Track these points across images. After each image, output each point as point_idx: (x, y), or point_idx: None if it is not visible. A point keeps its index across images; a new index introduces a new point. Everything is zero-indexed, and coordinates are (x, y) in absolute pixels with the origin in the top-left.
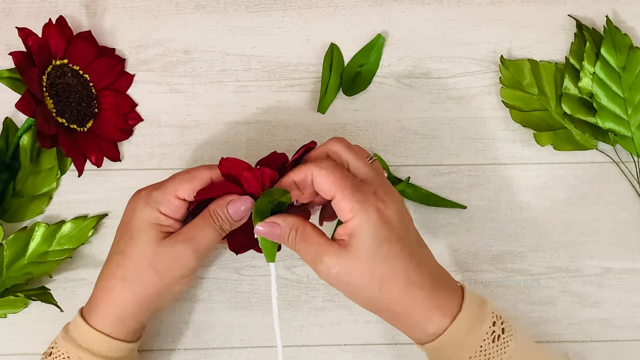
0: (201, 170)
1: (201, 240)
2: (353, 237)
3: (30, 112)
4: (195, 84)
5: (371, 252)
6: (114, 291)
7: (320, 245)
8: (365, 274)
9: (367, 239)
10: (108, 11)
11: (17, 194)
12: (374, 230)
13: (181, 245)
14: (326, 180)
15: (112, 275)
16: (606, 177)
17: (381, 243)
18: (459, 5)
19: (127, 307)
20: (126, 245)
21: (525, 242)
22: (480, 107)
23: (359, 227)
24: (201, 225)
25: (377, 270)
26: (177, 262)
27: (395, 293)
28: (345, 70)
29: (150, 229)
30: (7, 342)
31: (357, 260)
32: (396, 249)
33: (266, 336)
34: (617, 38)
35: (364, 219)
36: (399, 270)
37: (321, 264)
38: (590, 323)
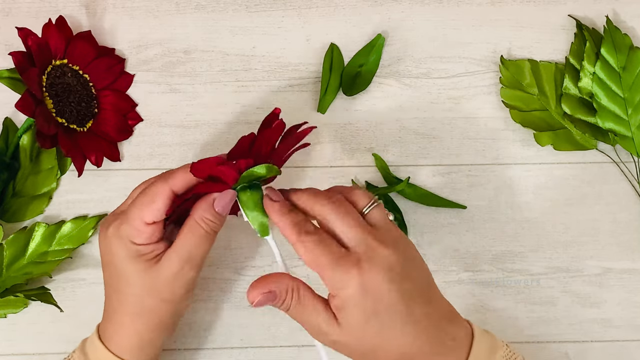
0: (158, 186)
1: (196, 253)
2: (340, 312)
3: (30, 112)
4: (195, 84)
5: (359, 327)
6: (125, 326)
7: (315, 313)
8: (357, 349)
9: (354, 314)
10: (108, 11)
11: (17, 194)
12: (358, 306)
13: (177, 265)
14: (305, 257)
15: (120, 312)
16: (606, 177)
17: (368, 318)
18: (459, 5)
19: (144, 337)
20: (120, 284)
21: (525, 242)
22: (480, 107)
23: (344, 304)
24: (191, 237)
25: (367, 346)
26: (179, 282)
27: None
28: (345, 70)
29: (136, 263)
30: (7, 342)
31: (347, 335)
32: (385, 321)
33: (266, 336)
34: (617, 38)
35: (346, 295)
36: (390, 342)
37: (319, 334)
38: (590, 323)
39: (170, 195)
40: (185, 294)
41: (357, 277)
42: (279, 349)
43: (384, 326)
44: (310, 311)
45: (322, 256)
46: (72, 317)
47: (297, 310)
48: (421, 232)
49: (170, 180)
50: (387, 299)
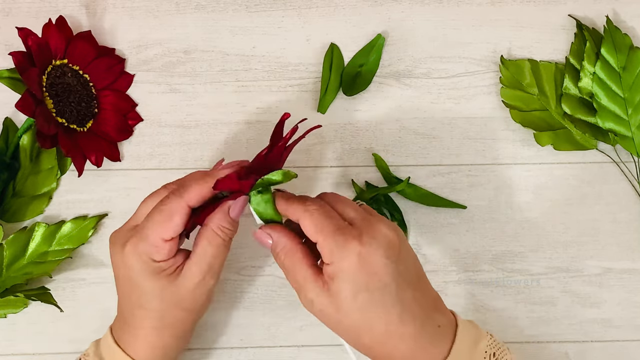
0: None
1: (215, 262)
2: (332, 281)
3: (30, 112)
4: (195, 84)
5: (348, 300)
6: (150, 338)
7: (305, 277)
8: (342, 322)
9: (345, 285)
10: (108, 11)
11: (17, 194)
12: (352, 277)
13: (198, 276)
14: (310, 223)
15: (146, 325)
16: (606, 177)
17: (358, 291)
18: (459, 5)
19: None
20: (141, 300)
21: (525, 242)
22: (480, 107)
23: (336, 272)
24: (209, 247)
25: (353, 320)
26: (200, 292)
27: (374, 342)
28: (345, 70)
29: (158, 280)
30: (7, 342)
31: (335, 306)
32: (375, 298)
33: (266, 336)
34: (617, 38)
35: (342, 265)
36: (376, 321)
37: (304, 296)
38: (590, 323)
39: (187, 211)
40: (205, 301)
41: (357, 247)
42: (279, 349)
43: (372, 303)
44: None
45: (326, 224)
46: (72, 317)
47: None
48: (421, 232)
49: (185, 195)
50: (381, 275)
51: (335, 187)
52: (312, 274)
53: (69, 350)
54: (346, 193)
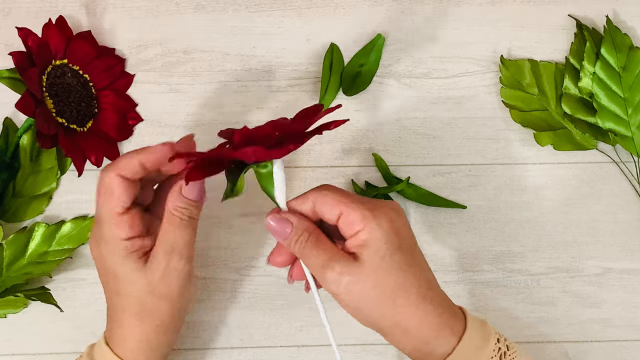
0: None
1: (179, 243)
2: (365, 247)
3: (30, 112)
4: (195, 84)
5: (384, 262)
6: (130, 329)
7: (332, 253)
8: (377, 286)
9: (380, 248)
10: (108, 11)
11: (17, 194)
12: (387, 239)
13: (164, 260)
14: (330, 199)
15: (122, 314)
16: (606, 177)
17: (394, 252)
18: (459, 5)
19: (149, 338)
20: (117, 286)
21: (525, 242)
22: (480, 107)
23: (371, 235)
24: (170, 228)
25: (390, 281)
26: (171, 278)
27: (408, 307)
28: (345, 70)
29: (128, 262)
30: (7, 342)
31: (369, 271)
32: (408, 259)
33: (266, 336)
34: (617, 38)
35: (376, 227)
36: (412, 282)
37: (332, 271)
38: (590, 323)
39: (121, 181)
40: (181, 288)
41: (388, 211)
42: (279, 349)
43: (407, 263)
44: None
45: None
46: (72, 317)
47: (312, 251)
48: (421, 232)
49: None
50: (409, 239)
51: None
52: (338, 250)
53: (68, 350)
54: None
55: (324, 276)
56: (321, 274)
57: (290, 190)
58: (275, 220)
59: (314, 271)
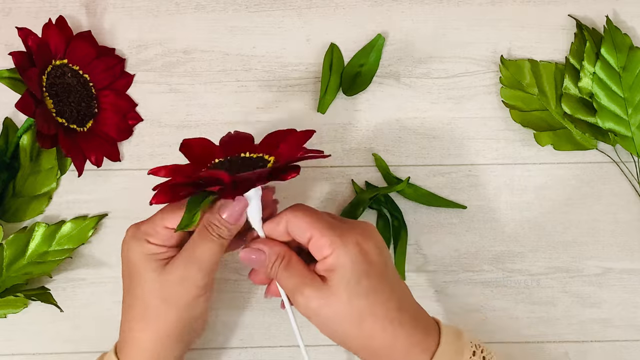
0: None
1: (202, 257)
2: (332, 272)
3: (30, 112)
4: (195, 84)
5: (350, 287)
6: (136, 332)
7: (302, 277)
8: (344, 310)
9: (347, 273)
10: (108, 11)
11: (17, 194)
12: (353, 264)
13: (183, 267)
14: (302, 221)
15: (131, 317)
16: (606, 177)
17: (360, 277)
18: (459, 5)
19: (156, 344)
20: (131, 285)
21: (525, 242)
22: (480, 107)
23: (338, 260)
24: (199, 240)
25: (356, 306)
26: (185, 286)
27: (375, 330)
28: (345, 70)
29: (147, 262)
30: (7, 342)
31: (336, 295)
32: (375, 283)
33: (266, 336)
34: (617, 38)
35: (342, 253)
36: (379, 306)
37: (301, 296)
38: (590, 323)
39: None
40: (192, 300)
41: (355, 236)
42: (279, 349)
43: (374, 288)
44: (298, 277)
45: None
46: (71, 317)
47: (284, 275)
48: (421, 232)
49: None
50: (377, 264)
51: (335, 187)
52: (309, 273)
53: (69, 350)
54: (346, 193)
55: (294, 299)
56: (292, 297)
57: (292, 190)
58: (246, 252)
59: (286, 292)
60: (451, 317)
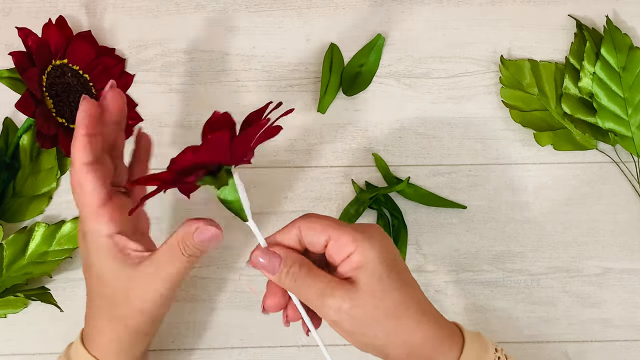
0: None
1: (171, 271)
2: (360, 269)
3: (30, 112)
4: (195, 84)
5: (382, 282)
6: (105, 330)
7: (329, 281)
8: (378, 308)
9: (376, 268)
10: (108, 11)
11: (17, 194)
12: (381, 258)
13: (151, 278)
14: (317, 224)
15: (99, 316)
16: (606, 177)
17: (390, 271)
18: (459, 5)
19: (125, 341)
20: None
21: (525, 242)
22: (480, 107)
23: (365, 256)
24: (169, 254)
25: (392, 300)
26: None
27: (410, 324)
28: (345, 70)
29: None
30: (7, 342)
31: (368, 294)
32: (404, 276)
33: (266, 336)
34: (617, 38)
35: (368, 248)
36: (412, 299)
37: (333, 297)
38: (590, 323)
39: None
40: (157, 307)
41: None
42: (279, 349)
43: (404, 281)
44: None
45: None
46: (71, 317)
47: (306, 281)
48: (421, 232)
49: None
50: (399, 260)
51: (335, 187)
52: (332, 278)
53: None
54: (346, 193)
55: (323, 304)
56: (320, 302)
57: (292, 190)
58: (262, 255)
59: (311, 302)
60: (451, 317)
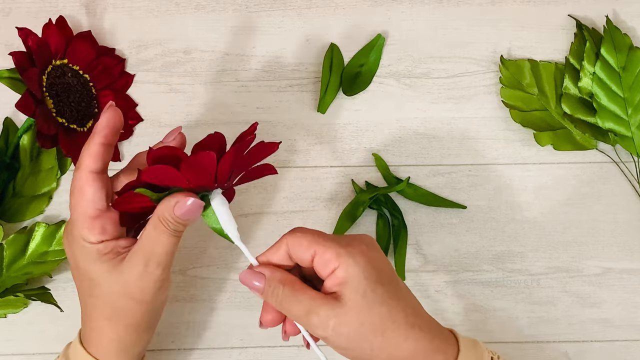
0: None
1: (159, 251)
2: (344, 285)
3: (30, 112)
4: (195, 84)
5: (366, 297)
6: (103, 330)
7: (312, 299)
8: (364, 322)
9: (360, 284)
10: (108, 11)
11: (17, 194)
12: (365, 273)
13: (142, 264)
14: (303, 239)
15: (96, 318)
16: (606, 177)
17: (374, 286)
18: (459, 5)
19: (123, 338)
20: (91, 288)
21: (525, 242)
22: (480, 107)
23: (349, 272)
24: (154, 235)
25: (377, 314)
26: (146, 281)
27: (398, 338)
28: (345, 70)
29: (100, 264)
30: (7, 342)
31: (353, 310)
32: (390, 290)
33: (266, 336)
34: (617, 38)
35: (352, 263)
36: (398, 312)
37: (317, 316)
38: (590, 323)
39: (94, 177)
40: (156, 293)
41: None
42: (279, 349)
43: (389, 294)
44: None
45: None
46: (71, 317)
47: (291, 300)
48: (421, 232)
49: (82, 164)
50: (386, 271)
51: (335, 187)
52: (318, 294)
53: None
54: (346, 193)
55: (309, 322)
56: (306, 320)
57: (292, 190)
58: (248, 275)
59: (298, 320)
60: (451, 316)
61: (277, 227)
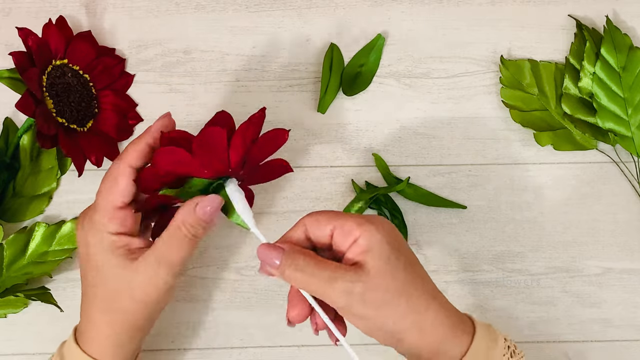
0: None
1: (175, 257)
2: (367, 252)
3: (30, 112)
4: (195, 84)
5: (390, 263)
6: (98, 325)
7: (336, 267)
8: (389, 289)
9: (383, 249)
10: (108, 11)
11: (17, 194)
12: (387, 239)
13: (154, 268)
14: (322, 217)
15: (95, 309)
16: (606, 177)
17: (397, 251)
18: (459, 5)
19: (118, 336)
20: (95, 278)
21: (525, 242)
22: (480, 107)
23: (371, 239)
24: (171, 241)
25: (401, 279)
26: (153, 285)
27: (420, 306)
28: (345, 70)
29: (112, 256)
30: (7, 342)
31: (378, 276)
32: (411, 258)
33: (266, 336)
34: (617, 38)
35: (374, 230)
36: (422, 279)
37: (342, 281)
38: (590, 323)
39: (131, 172)
40: (159, 297)
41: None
42: (279, 349)
43: (412, 262)
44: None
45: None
46: (72, 317)
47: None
48: (421, 232)
49: (124, 157)
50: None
51: (335, 187)
52: (339, 265)
53: None
54: (346, 193)
55: (333, 288)
56: (330, 288)
57: (293, 189)
58: (264, 249)
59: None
60: None
61: (278, 227)
